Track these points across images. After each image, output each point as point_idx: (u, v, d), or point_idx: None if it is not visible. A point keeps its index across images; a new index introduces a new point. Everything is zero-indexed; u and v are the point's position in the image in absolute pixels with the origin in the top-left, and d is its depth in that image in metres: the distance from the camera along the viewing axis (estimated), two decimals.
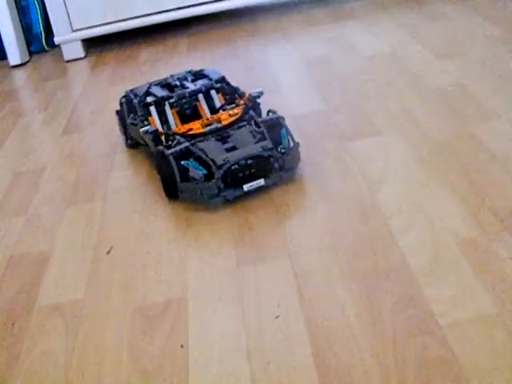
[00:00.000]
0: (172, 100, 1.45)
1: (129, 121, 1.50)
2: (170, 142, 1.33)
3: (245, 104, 1.44)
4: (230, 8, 2.37)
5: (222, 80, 1.53)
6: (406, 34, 1.98)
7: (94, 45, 2.49)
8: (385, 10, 2.24)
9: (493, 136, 1.32)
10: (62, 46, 2.37)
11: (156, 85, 1.55)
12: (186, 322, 0.99)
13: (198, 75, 1.60)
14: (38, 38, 2.53)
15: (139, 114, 1.47)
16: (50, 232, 1.29)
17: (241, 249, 1.13)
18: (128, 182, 1.42)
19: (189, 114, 1.45)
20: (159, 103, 1.45)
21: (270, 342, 0.92)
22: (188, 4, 2.33)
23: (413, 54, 1.82)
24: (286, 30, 2.25)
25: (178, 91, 1.48)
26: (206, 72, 1.60)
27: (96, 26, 2.34)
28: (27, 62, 2.47)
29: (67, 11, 2.31)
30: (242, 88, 1.61)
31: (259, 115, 1.47)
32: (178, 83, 1.54)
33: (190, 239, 1.19)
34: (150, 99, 1.47)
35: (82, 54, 2.38)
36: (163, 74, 2.03)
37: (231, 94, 1.50)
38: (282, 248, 1.11)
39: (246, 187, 1.26)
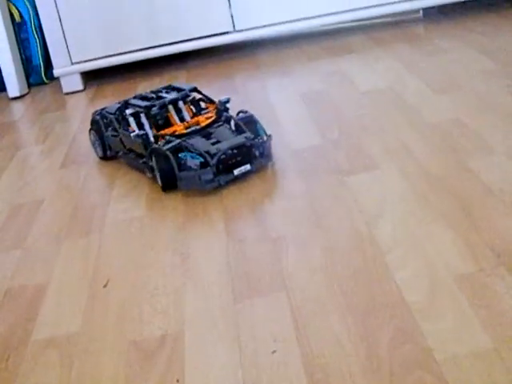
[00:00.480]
0: (154, 108, 1.57)
1: (108, 133, 1.63)
2: (159, 143, 1.50)
3: (217, 108, 1.60)
4: (229, 42, 2.38)
5: (195, 89, 1.65)
6: (403, 69, 1.99)
7: (93, 77, 2.51)
8: (382, 45, 2.26)
9: (490, 170, 1.33)
10: (61, 79, 2.38)
11: (134, 98, 1.66)
12: (183, 356, 0.99)
13: (170, 88, 1.70)
14: (38, 70, 2.55)
15: (116, 125, 1.60)
16: (46, 265, 1.29)
17: (237, 282, 1.13)
18: (125, 215, 1.42)
19: (161, 124, 1.59)
20: (137, 114, 1.58)
21: (266, 377, 0.92)
22: (186, 38, 2.35)
23: (410, 88, 1.83)
24: (284, 64, 2.26)
25: (159, 100, 1.60)
26: (175, 85, 1.70)
27: (95, 59, 2.36)
28: (26, 94, 2.48)
29: (66, 44, 2.33)
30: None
31: None
32: (154, 95, 1.64)
33: (187, 272, 1.18)
34: (129, 111, 1.60)
35: (81, 87, 2.39)
36: None
37: (204, 101, 1.69)
38: (279, 281, 1.11)
39: (236, 172, 1.45)
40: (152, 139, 1.51)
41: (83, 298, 1.17)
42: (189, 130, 1.52)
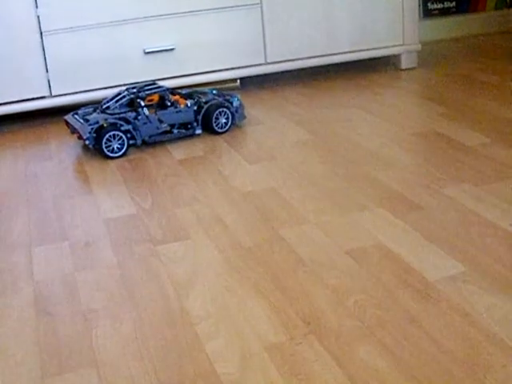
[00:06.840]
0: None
1: (138, 122, 1.97)
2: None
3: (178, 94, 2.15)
4: (45, 107, 2.34)
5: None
6: (219, 138, 2.02)
7: None
8: None
9: (301, 240, 1.36)
10: None
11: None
12: None
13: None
14: None
15: (143, 112, 1.99)
16: None
17: (46, 358, 1.08)
18: None
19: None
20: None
21: None
22: (0, 102, 2.29)
23: (224, 158, 1.85)
24: None
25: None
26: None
27: None
28: None
29: None
30: None
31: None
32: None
33: None
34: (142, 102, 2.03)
35: None
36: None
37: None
38: (89, 357, 1.07)
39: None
40: None
41: None
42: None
